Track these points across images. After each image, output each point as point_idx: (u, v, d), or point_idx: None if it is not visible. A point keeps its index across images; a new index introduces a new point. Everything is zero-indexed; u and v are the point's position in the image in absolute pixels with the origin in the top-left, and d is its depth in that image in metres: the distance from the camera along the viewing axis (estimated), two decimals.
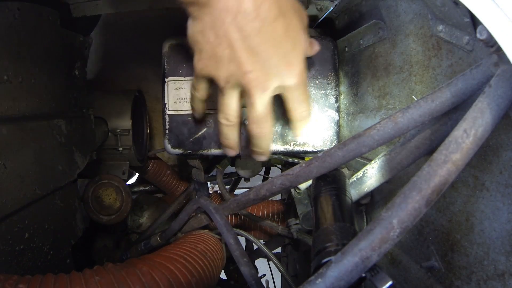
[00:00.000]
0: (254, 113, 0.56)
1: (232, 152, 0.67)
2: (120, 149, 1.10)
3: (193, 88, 0.65)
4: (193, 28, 0.53)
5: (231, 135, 0.63)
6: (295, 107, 0.60)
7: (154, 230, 1.12)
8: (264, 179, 1.58)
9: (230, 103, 0.57)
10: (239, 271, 1.10)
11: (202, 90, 0.63)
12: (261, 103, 0.54)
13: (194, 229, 0.88)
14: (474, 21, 0.43)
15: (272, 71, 0.52)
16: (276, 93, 0.57)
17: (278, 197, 1.40)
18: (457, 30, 0.49)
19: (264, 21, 0.48)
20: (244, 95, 0.55)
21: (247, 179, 1.13)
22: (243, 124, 0.83)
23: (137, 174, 1.51)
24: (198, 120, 0.82)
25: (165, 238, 0.90)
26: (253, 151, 0.64)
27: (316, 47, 0.63)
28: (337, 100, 0.85)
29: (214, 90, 0.61)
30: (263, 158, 0.66)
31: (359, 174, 0.65)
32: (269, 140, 0.62)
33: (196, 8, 0.50)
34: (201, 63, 0.55)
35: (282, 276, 0.93)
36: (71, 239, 0.87)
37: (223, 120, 0.61)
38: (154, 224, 1.14)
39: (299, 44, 0.54)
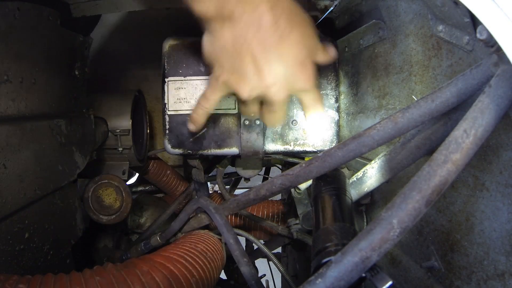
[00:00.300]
0: (273, 118, 0.62)
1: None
2: (120, 149, 1.10)
3: (206, 99, 0.63)
4: (213, 45, 0.54)
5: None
6: (312, 105, 0.63)
7: (154, 230, 1.12)
8: (264, 179, 1.58)
9: (253, 110, 0.61)
10: (239, 271, 1.10)
11: (215, 103, 0.63)
12: (281, 110, 0.59)
13: (194, 229, 0.88)
14: (474, 21, 0.43)
15: (291, 80, 0.55)
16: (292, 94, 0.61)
17: (278, 197, 1.40)
18: (457, 30, 0.49)
19: (283, 33, 0.51)
20: (265, 103, 0.59)
21: (247, 179, 1.13)
22: (243, 124, 0.83)
23: (137, 174, 1.51)
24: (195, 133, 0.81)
25: (165, 238, 0.90)
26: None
27: (332, 54, 0.64)
28: (337, 100, 0.85)
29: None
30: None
31: (359, 174, 0.65)
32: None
33: (217, 24, 0.51)
34: (223, 77, 0.56)
35: (282, 276, 0.93)
36: (71, 239, 0.87)
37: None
38: (154, 224, 1.14)
39: (313, 50, 0.57)
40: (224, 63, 0.55)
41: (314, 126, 0.84)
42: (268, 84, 0.53)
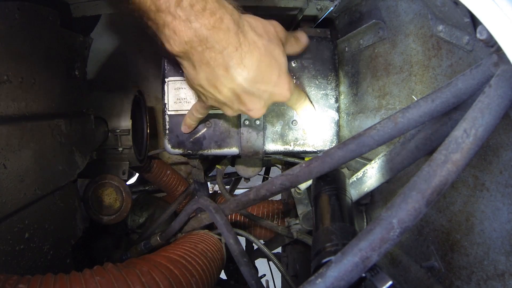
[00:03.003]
0: (254, 117, 0.67)
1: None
2: (120, 149, 1.10)
3: (197, 111, 0.74)
4: (193, 81, 0.60)
5: None
6: (296, 104, 0.76)
7: (154, 230, 1.12)
8: (264, 179, 1.58)
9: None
10: (239, 271, 1.10)
11: (205, 114, 0.76)
12: (260, 114, 0.65)
13: (194, 229, 0.88)
14: (474, 21, 0.43)
15: (268, 101, 0.63)
16: None
17: (278, 197, 1.40)
18: (457, 30, 0.49)
19: (250, 68, 0.56)
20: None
21: (247, 179, 1.13)
22: (243, 124, 0.83)
23: (137, 174, 1.51)
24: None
25: (165, 238, 0.90)
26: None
27: (303, 41, 0.73)
28: (337, 100, 0.85)
29: None
30: None
31: (359, 174, 0.65)
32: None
33: (189, 64, 0.57)
34: (210, 103, 0.64)
35: (282, 276, 0.93)
36: (71, 239, 0.86)
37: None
38: (154, 224, 1.14)
39: (283, 67, 0.62)
40: (206, 95, 0.62)
41: (314, 126, 0.85)
42: (248, 109, 0.62)
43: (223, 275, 1.28)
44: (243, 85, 0.57)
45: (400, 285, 0.67)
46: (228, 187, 1.58)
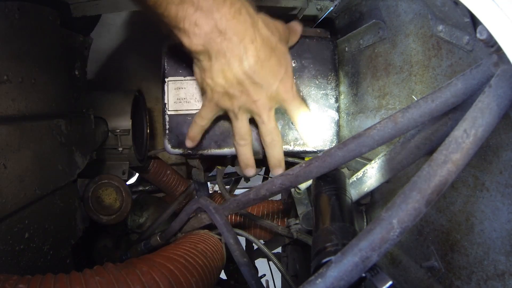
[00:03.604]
0: (265, 127, 0.69)
1: (252, 171, 0.77)
2: (120, 149, 1.10)
3: (201, 118, 0.73)
4: (203, 75, 0.63)
5: (248, 153, 0.75)
6: (296, 113, 0.72)
7: (154, 230, 1.12)
8: (264, 179, 1.58)
9: (244, 125, 0.70)
10: (239, 271, 1.10)
11: (210, 121, 0.73)
12: (269, 119, 0.68)
13: (194, 229, 0.88)
14: (474, 21, 0.43)
15: (273, 95, 0.65)
16: (277, 106, 0.70)
17: (278, 197, 1.40)
18: (457, 30, 0.49)
19: (263, 62, 0.60)
20: (254, 116, 0.69)
21: (247, 179, 1.13)
22: None
23: (137, 174, 1.51)
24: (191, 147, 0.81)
25: (165, 238, 0.90)
26: (270, 163, 0.75)
27: (298, 31, 0.76)
28: (337, 100, 0.85)
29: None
30: (280, 170, 0.74)
31: (359, 174, 0.65)
32: (281, 147, 0.73)
33: (205, 57, 0.60)
34: (216, 98, 0.65)
35: (282, 276, 0.93)
36: (71, 239, 0.87)
37: (240, 141, 0.73)
38: (154, 224, 1.14)
39: (288, 66, 0.66)
40: (215, 89, 0.63)
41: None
42: (254, 100, 0.64)
43: (223, 275, 1.28)
44: (252, 76, 0.60)
45: (400, 285, 0.67)
46: (228, 187, 1.58)
